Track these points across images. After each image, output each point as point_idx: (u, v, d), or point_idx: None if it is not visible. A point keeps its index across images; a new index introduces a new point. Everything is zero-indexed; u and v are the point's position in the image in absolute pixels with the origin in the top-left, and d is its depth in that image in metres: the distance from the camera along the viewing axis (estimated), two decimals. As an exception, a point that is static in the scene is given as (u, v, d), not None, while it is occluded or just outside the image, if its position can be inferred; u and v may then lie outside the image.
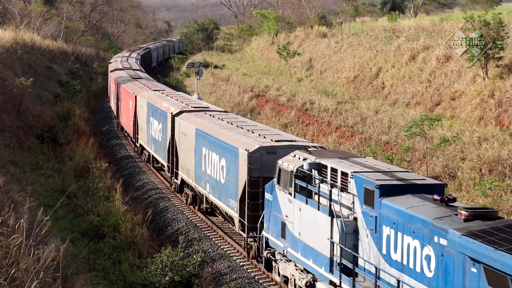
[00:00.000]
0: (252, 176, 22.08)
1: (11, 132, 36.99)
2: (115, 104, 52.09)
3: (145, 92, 40.20)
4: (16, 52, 53.49)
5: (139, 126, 39.74)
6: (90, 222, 25.64)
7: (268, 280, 21.81)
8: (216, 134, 25.75)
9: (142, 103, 38.67)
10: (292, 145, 22.17)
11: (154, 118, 35.33)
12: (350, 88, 48.71)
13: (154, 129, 35.29)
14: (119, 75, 52.64)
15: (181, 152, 30.26)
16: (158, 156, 35.07)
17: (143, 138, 38.70)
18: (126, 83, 46.73)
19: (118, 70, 56.86)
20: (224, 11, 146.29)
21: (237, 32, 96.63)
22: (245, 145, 22.78)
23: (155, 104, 35.60)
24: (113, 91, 53.58)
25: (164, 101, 35.32)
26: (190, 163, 28.61)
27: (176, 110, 31.48)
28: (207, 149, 26.38)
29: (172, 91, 43.73)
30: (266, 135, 23.82)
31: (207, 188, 26.52)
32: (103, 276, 21.26)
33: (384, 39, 51.17)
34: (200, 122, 28.42)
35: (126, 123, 44.97)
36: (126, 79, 49.58)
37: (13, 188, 20.70)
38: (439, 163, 29.12)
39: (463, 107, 35.41)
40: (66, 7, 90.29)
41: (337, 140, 37.08)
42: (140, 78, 50.74)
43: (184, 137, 29.41)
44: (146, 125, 37.41)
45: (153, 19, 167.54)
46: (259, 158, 21.93)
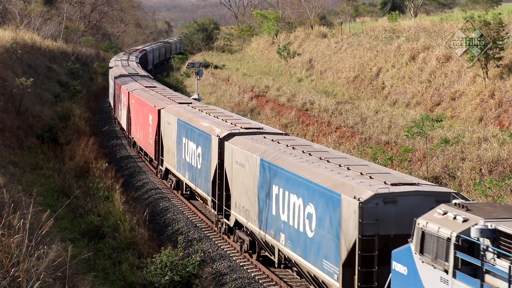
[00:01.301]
0: (365, 235, 16.32)
1: (11, 132, 36.99)
2: (124, 115, 46.29)
3: (172, 106, 33.63)
4: (16, 52, 53.51)
5: (164, 146, 33.43)
6: (90, 222, 25.67)
7: (268, 280, 21.81)
8: (298, 170, 19.65)
9: (169, 120, 32.37)
10: (419, 191, 16.76)
11: (190, 139, 29.05)
12: (350, 88, 48.72)
13: (190, 152, 29.11)
14: (127, 82, 48.10)
15: (235, 186, 24.01)
16: (196, 186, 28.53)
17: (170, 161, 32.36)
18: (141, 94, 40.66)
19: (125, 77, 51.98)
20: (224, 11, 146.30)
21: (237, 32, 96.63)
22: (353, 190, 16.91)
23: (191, 122, 29.20)
24: (121, 101, 47.63)
25: (201, 119, 29.03)
26: (252, 204, 22.64)
27: (224, 132, 25.36)
28: (282, 189, 20.43)
29: (203, 104, 37.49)
30: (373, 175, 17.88)
31: (281, 239, 20.70)
32: (103, 276, 21.27)
33: (384, 39, 51.18)
34: (264, 150, 22.23)
35: (143, 141, 38.76)
36: (138, 88, 43.63)
37: (14, 188, 20.71)
38: (439, 163, 29.13)
39: (463, 107, 35.42)
40: (66, 7, 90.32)
41: (337, 140, 37.09)
42: (154, 87, 45.03)
43: (241, 168, 23.33)
44: (175, 146, 31.28)
45: (153, 19, 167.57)
46: (374, 210, 16.29)
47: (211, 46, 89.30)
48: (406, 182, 17.28)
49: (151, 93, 40.35)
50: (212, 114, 29.92)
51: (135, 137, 41.47)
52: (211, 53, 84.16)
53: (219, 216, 25.69)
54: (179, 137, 30.73)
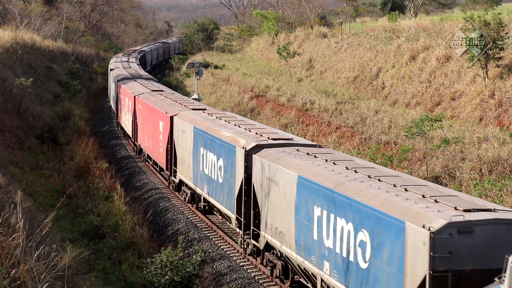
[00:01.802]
0: (436, 270, 13.99)
1: (11, 132, 36.99)
2: (129, 121, 43.71)
3: (186, 113, 30.86)
4: (16, 52, 53.52)
5: (178, 156, 30.81)
6: (90, 222, 25.68)
7: (268, 280, 21.81)
8: (346, 191, 17.10)
9: (184, 128, 29.68)
10: (498, 218, 14.41)
11: (209, 150, 26.38)
12: (350, 88, 48.73)
13: (209, 164, 26.46)
14: (131, 85, 45.56)
15: (266, 205, 21.43)
16: (216, 201, 25.88)
17: (185, 173, 29.73)
18: (148, 99, 38.16)
19: (128, 79, 49.46)
20: (224, 11, 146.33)
21: (237, 32, 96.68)
22: (419, 218, 14.50)
23: (210, 131, 26.46)
24: (126, 105, 45.08)
25: (222, 128, 26.24)
26: (287, 226, 19.98)
27: (250, 144, 22.83)
28: (326, 211, 17.85)
29: (219, 111, 34.46)
30: (438, 198, 15.38)
31: (324, 267, 18.11)
32: (103, 276, 21.27)
33: (384, 39, 51.19)
34: (301, 166, 19.66)
35: (153, 150, 36.16)
36: (145, 92, 40.97)
37: (14, 188, 20.71)
38: (439, 163, 29.13)
39: (463, 107, 35.43)
40: (66, 7, 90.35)
41: (337, 140, 37.10)
42: (161, 90, 42.34)
43: (273, 185, 20.67)
44: (191, 157, 28.68)
45: (153, 19, 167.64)
46: (447, 242, 13.99)
47: (211, 46, 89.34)
48: (481, 207, 14.87)
49: (160, 98, 37.71)
50: (232, 122, 27.09)
51: (143, 145, 39.04)
52: (211, 53, 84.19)
53: (245, 236, 23.18)
54: (195, 147, 28.10)
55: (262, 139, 23.24)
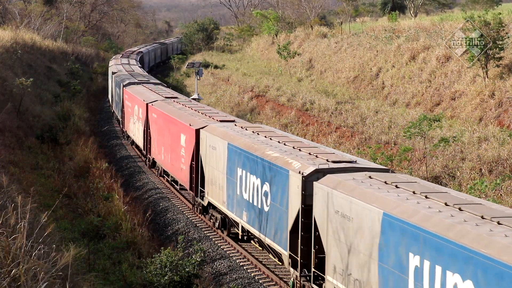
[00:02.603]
0: None
1: (11, 132, 37.00)
2: (139, 131, 39.68)
3: (215, 126, 26.77)
4: (16, 52, 53.54)
5: (206, 175, 26.68)
6: (90, 222, 25.69)
7: (268, 280, 21.80)
8: (461, 238, 13.32)
9: (214, 144, 25.65)
10: None
11: (250, 172, 22.59)
12: (350, 88, 48.74)
13: (249, 188, 22.68)
14: (140, 91, 41.70)
15: (333, 243, 17.57)
16: (261, 233, 21.93)
17: (216, 195, 25.73)
18: (164, 107, 34.26)
19: (135, 85, 45.49)
20: (224, 11, 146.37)
21: (237, 32, 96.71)
22: None
23: (251, 150, 22.60)
24: (135, 113, 41.02)
25: (265, 146, 22.31)
26: (366, 273, 16.21)
27: (308, 168, 19.04)
28: (428, 261, 14.10)
29: (253, 124, 29.23)
30: None
31: None
32: (103, 276, 21.28)
33: (384, 39, 51.20)
34: (387, 200, 15.76)
35: (171, 165, 31.94)
36: (158, 99, 37.13)
37: (14, 188, 20.72)
38: (439, 163, 29.14)
39: (463, 107, 35.43)
40: (66, 7, 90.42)
41: (337, 140, 37.11)
42: (175, 97, 38.12)
43: (346, 222, 16.79)
44: (225, 178, 24.69)
45: (153, 19, 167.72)
46: None
47: (211, 46, 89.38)
48: None
49: (177, 107, 33.75)
50: (274, 139, 23.32)
51: (157, 158, 34.97)
52: (211, 53, 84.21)
53: (303, 279, 19.38)
54: (230, 167, 24.23)
55: (321, 162, 19.51)
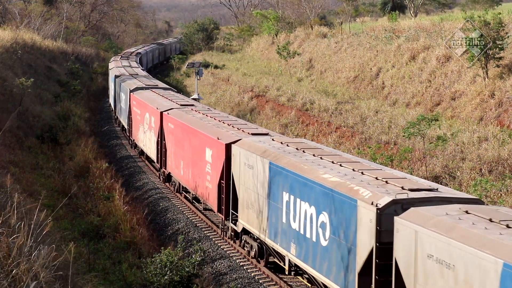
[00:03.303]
0: None
1: (11, 132, 37.00)
2: (151, 141, 36.16)
3: (250, 141, 23.31)
4: (16, 52, 53.53)
5: (239, 197, 23.38)
6: (90, 222, 25.69)
7: (268, 280, 21.81)
8: None
9: (250, 161, 22.29)
10: None
11: (300, 197, 19.24)
12: (350, 88, 48.74)
13: (300, 217, 19.37)
14: (150, 97, 38.39)
15: None
16: (316, 271, 18.57)
17: (252, 221, 22.49)
18: (182, 117, 30.85)
19: (143, 90, 42.45)
20: (224, 11, 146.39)
21: (237, 32, 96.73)
22: None
23: (302, 172, 19.16)
24: (145, 121, 37.57)
25: (318, 167, 19.01)
26: None
27: (382, 198, 15.74)
28: None
29: (292, 139, 24.98)
30: None
31: None
32: (103, 276, 21.28)
33: (384, 39, 51.20)
34: (507, 248, 12.36)
35: (193, 182, 28.69)
36: (174, 107, 33.73)
37: (14, 188, 20.72)
38: (439, 163, 29.14)
39: (463, 107, 35.43)
40: (66, 7, 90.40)
41: (337, 140, 37.10)
42: (191, 105, 34.83)
43: (446, 271, 13.46)
44: (265, 202, 21.43)
45: (153, 19, 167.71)
46: None
47: (211, 46, 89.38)
48: None
49: (198, 116, 30.36)
50: (326, 158, 19.96)
51: (175, 173, 31.80)
52: (211, 53, 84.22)
53: None
54: (273, 190, 20.98)
55: (396, 190, 16.03)
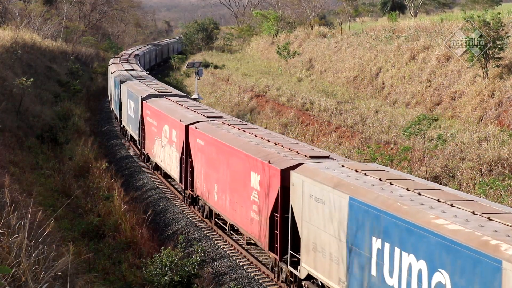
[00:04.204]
0: None
1: (11, 132, 37.00)
2: (172, 157, 32.01)
3: (317, 168, 19.09)
4: (16, 52, 53.52)
5: (303, 236, 19.13)
6: (90, 222, 25.69)
7: (268, 280, 21.81)
8: None
9: (319, 194, 18.13)
10: None
11: (401, 247, 15.09)
12: (350, 88, 48.74)
13: (402, 273, 15.11)
14: (172, 110, 33.37)
15: None
16: None
17: (324, 267, 18.19)
18: (214, 132, 26.50)
19: (156, 97, 38.30)
20: (224, 11, 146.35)
21: (237, 32, 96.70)
22: None
23: (402, 214, 15.01)
24: (163, 134, 33.50)
25: (425, 208, 14.81)
26: None
27: None
28: None
29: (373, 166, 19.54)
30: None
31: None
32: (103, 276, 21.28)
33: (384, 39, 51.20)
34: None
35: (233, 211, 24.32)
36: (200, 119, 29.49)
37: (14, 188, 20.73)
38: (438, 163, 29.14)
39: (463, 107, 35.43)
40: (66, 7, 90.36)
41: (337, 140, 37.09)
42: (219, 117, 30.30)
43: None
44: (344, 247, 17.13)
45: (153, 19, 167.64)
46: None
47: (211, 46, 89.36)
48: None
49: (234, 132, 25.97)
50: (425, 194, 15.58)
51: (206, 197, 27.43)
52: (211, 53, 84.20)
53: None
54: (356, 233, 16.87)
55: None
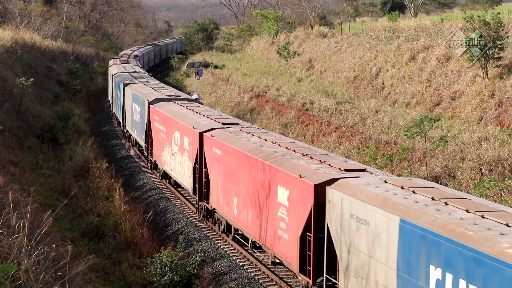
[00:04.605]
0: None
1: (11, 132, 36.99)
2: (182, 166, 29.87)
3: (357, 184, 16.85)
4: (16, 52, 53.52)
5: (342, 259, 16.92)
6: (90, 222, 25.69)
7: (268, 280, 21.81)
8: None
9: (362, 214, 15.90)
10: None
11: (468, 279, 12.50)
12: (350, 88, 48.73)
13: None
14: (183, 116, 31.23)
15: None
16: None
17: None
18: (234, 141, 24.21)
19: (163, 102, 36.09)
20: (224, 11, 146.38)
21: (237, 32, 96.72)
22: None
23: (468, 241, 12.63)
24: (174, 142, 31.16)
25: (496, 236, 12.31)
26: None
27: None
28: None
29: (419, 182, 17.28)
30: None
31: None
32: (103, 276, 21.27)
33: (384, 39, 51.19)
34: None
35: (256, 227, 21.95)
36: (216, 126, 27.44)
37: (14, 188, 20.72)
38: (439, 163, 29.13)
39: (463, 107, 35.43)
40: (66, 7, 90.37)
41: (337, 140, 37.09)
42: (235, 123, 28.34)
43: None
44: (394, 276, 14.77)
45: (153, 19, 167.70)
46: None
47: (211, 46, 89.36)
48: None
49: (254, 141, 23.67)
50: (487, 215, 13.42)
51: (224, 211, 25.14)
52: (211, 53, 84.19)
53: None
54: (409, 261, 14.18)
55: None
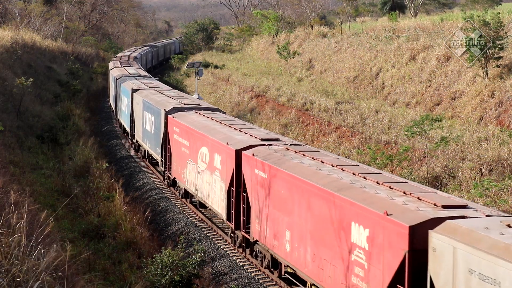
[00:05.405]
0: None
1: (11, 132, 36.99)
2: (212, 187, 26.31)
3: (471, 228, 12.85)
4: (16, 52, 53.51)
5: None
6: (90, 222, 25.68)
7: (268, 280, 21.81)
8: None
9: (487, 271, 11.87)
10: None
11: None
12: (350, 88, 48.73)
13: None
14: (213, 129, 27.32)
15: None
16: None
17: None
18: (283, 164, 20.59)
19: (182, 111, 32.54)
20: (224, 11, 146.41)
21: (237, 32, 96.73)
22: None
23: None
24: (200, 158, 27.70)
25: None
26: None
27: None
28: None
29: None
30: None
31: None
32: (103, 276, 21.27)
33: (384, 39, 51.19)
34: None
35: (318, 269, 18.28)
36: (255, 143, 23.71)
37: (14, 188, 20.72)
38: (439, 163, 29.13)
39: (463, 107, 35.43)
40: (66, 7, 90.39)
41: (337, 140, 37.09)
42: (275, 139, 24.62)
43: None
44: None
45: (153, 19, 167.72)
46: None
47: (211, 46, 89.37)
48: None
49: (309, 163, 20.21)
50: None
51: (272, 245, 21.25)
52: (211, 53, 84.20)
53: None
54: None
55: None
